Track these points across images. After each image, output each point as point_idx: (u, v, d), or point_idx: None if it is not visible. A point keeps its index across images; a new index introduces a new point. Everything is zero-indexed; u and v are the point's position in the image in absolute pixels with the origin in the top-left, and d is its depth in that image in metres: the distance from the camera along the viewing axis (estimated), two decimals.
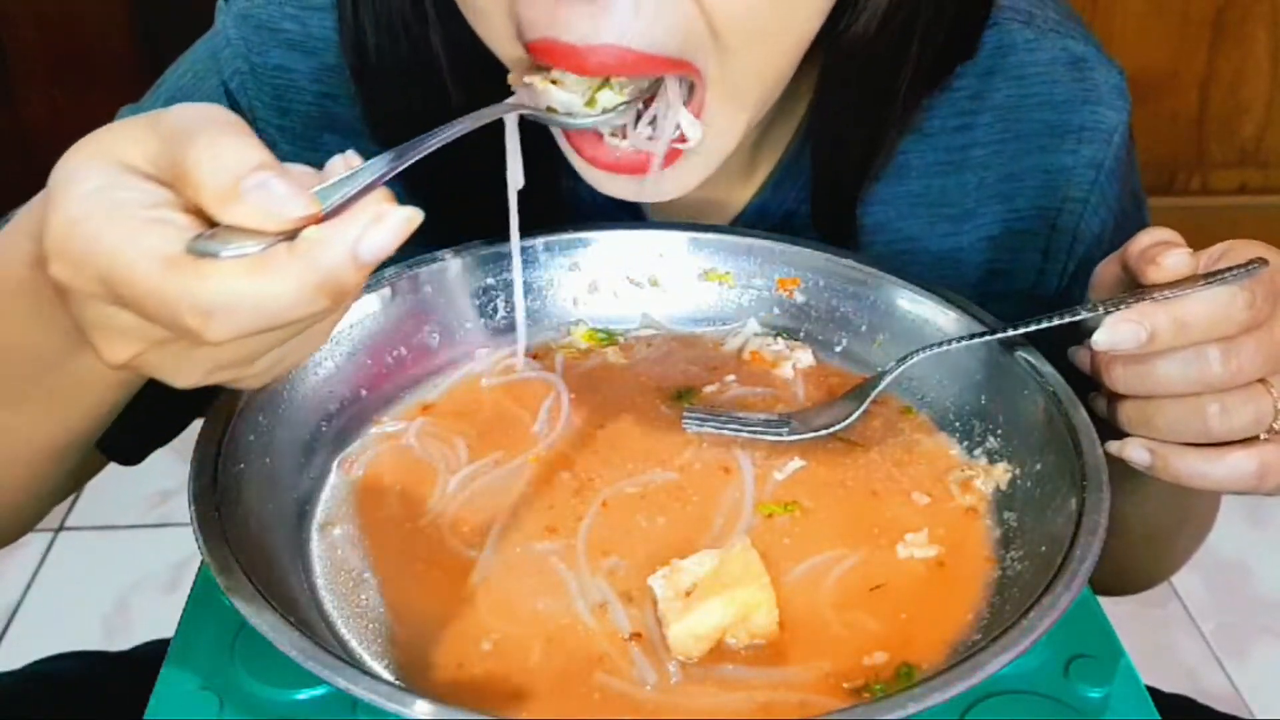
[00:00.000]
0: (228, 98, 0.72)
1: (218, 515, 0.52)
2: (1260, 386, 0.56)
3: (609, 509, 0.60)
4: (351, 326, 0.66)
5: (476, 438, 0.65)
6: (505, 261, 0.72)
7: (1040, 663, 0.53)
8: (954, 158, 0.75)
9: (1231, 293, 0.54)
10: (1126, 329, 0.54)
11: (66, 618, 1.74)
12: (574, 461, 0.63)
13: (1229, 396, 0.55)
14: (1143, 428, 0.57)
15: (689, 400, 0.68)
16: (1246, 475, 0.56)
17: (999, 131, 0.74)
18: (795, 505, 0.60)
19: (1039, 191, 0.75)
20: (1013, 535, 0.58)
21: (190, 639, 0.56)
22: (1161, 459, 0.57)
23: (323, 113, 0.72)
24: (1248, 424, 0.55)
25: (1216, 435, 0.56)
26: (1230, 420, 0.55)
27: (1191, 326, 0.54)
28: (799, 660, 0.52)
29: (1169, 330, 0.54)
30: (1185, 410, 0.56)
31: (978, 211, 0.75)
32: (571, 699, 0.51)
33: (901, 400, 0.68)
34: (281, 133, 0.73)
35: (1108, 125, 0.74)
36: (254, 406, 0.60)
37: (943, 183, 0.75)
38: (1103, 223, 0.76)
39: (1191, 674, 1.69)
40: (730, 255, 0.73)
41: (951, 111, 0.74)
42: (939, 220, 0.76)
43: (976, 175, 0.75)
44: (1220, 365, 0.54)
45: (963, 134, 0.74)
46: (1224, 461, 0.56)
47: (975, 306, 0.67)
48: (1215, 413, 0.55)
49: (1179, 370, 0.55)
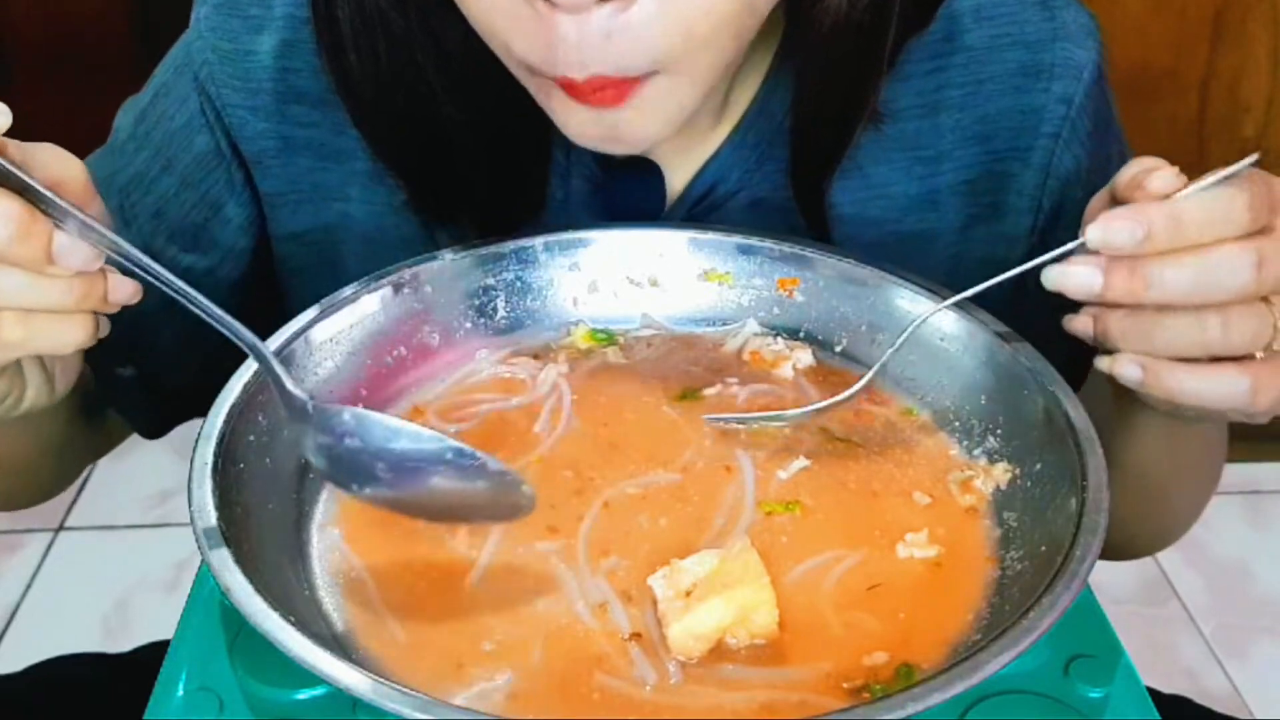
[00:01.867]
0: (199, 91, 0.74)
1: (218, 515, 0.52)
2: (1262, 304, 0.54)
3: (610, 509, 0.60)
4: (351, 326, 0.66)
5: (477, 438, 0.65)
6: (505, 261, 0.72)
7: (1040, 663, 0.53)
8: (928, 100, 0.74)
9: (1230, 194, 0.52)
10: (1121, 225, 0.52)
11: (66, 618, 1.74)
12: (575, 461, 0.63)
13: (1232, 310, 0.53)
14: (1140, 342, 0.55)
15: (691, 399, 0.68)
16: (1240, 393, 0.54)
17: (972, 73, 0.74)
18: (797, 504, 0.61)
19: (1014, 133, 0.74)
20: (1013, 535, 0.58)
21: (190, 639, 0.56)
22: (1153, 374, 0.55)
23: (288, 87, 0.73)
24: (1247, 340, 0.54)
25: (1214, 350, 0.54)
26: (1230, 335, 0.53)
27: (1188, 225, 0.52)
28: (799, 660, 0.52)
29: (1165, 227, 0.52)
30: (1186, 323, 0.53)
31: (954, 154, 0.75)
32: (571, 699, 0.51)
33: (901, 400, 0.68)
34: (253, 112, 0.74)
35: (1078, 62, 0.74)
36: (254, 406, 0.60)
37: (918, 125, 0.74)
38: (1076, 159, 0.75)
39: (1191, 674, 1.69)
40: (730, 255, 0.73)
41: (924, 55, 0.74)
42: (915, 163, 0.75)
43: (952, 117, 0.74)
44: (1251, 271, 0.52)
45: (936, 76, 0.74)
46: (1217, 377, 0.54)
47: (975, 307, 0.67)
48: (1216, 325, 0.53)
49: (1190, 277, 0.52)
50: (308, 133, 0.74)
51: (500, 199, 0.73)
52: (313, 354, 0.65)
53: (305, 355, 0.64)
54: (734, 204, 0.75)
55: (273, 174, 0.75)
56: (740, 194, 0.75)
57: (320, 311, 0.66)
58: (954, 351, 0.66)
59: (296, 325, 0.64)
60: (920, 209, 0.75)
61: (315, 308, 0.66)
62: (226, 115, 0.73)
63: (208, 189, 0.75)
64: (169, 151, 0.74)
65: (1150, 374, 0.55)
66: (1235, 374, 0.54)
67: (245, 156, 0.74)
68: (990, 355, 0.65)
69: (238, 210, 0.76)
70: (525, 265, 0.72)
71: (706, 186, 0.75)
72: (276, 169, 0.74)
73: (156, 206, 0.75)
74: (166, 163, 0.75)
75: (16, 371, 0.59)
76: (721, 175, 0.75)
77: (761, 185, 0.75)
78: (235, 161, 0.74)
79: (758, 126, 0.74)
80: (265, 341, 0.57)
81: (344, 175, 0.75)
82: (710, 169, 0.75)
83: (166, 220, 0.75)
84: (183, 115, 0.74)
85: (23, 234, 0.48)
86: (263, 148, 0.74)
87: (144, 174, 0.75)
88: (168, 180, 0.75)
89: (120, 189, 0.75)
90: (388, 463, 0.54)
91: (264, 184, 0.75)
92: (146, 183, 0.75)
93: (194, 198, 0.75)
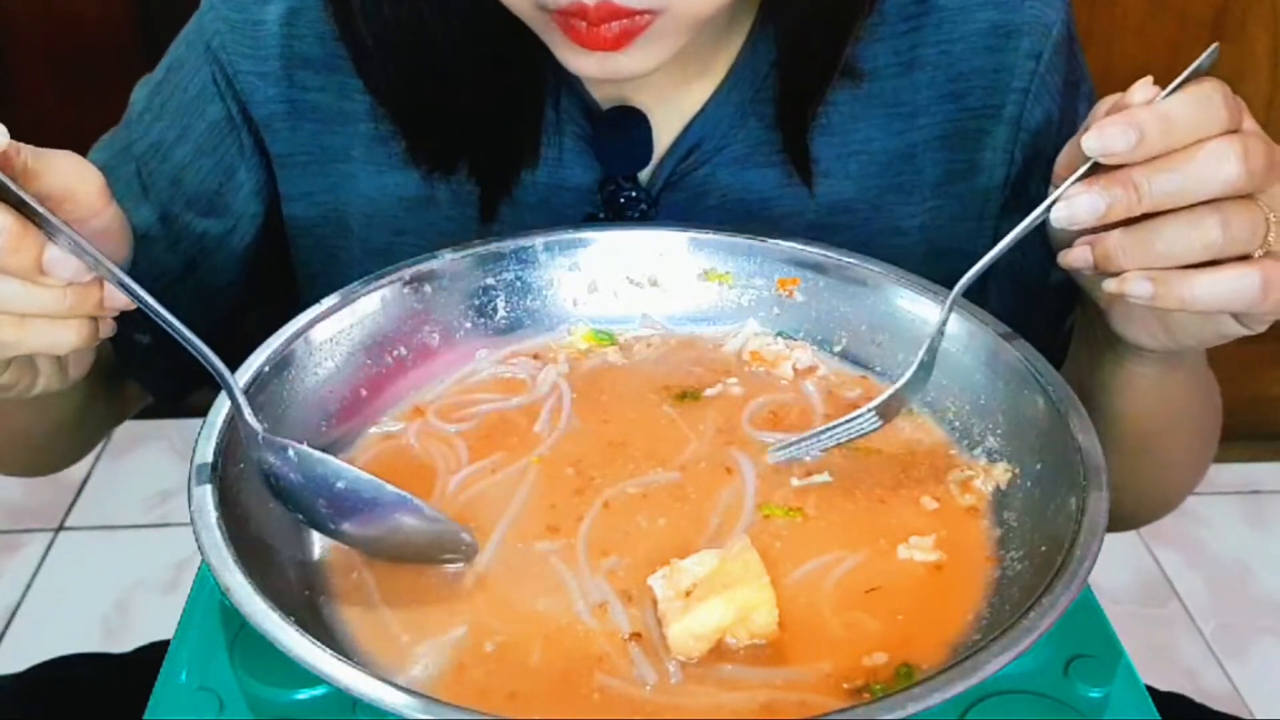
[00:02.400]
0: (211, 60, 0.77)
1: (218, 515, 0.52)
2: (1253, 202, 0.54)
3: (610, 509, 0.60)
4: (351, 326, 0.66)
5: (477, 438, 0.65)
6: (505, 261, 0.72)
7: (1040, 663, 0.53)
8: (903, 59, 0.76)
9: (1207, 92, 0.54)
10: (1115, 129, 0.53)
11: (66, 618, 1.74)
12: (576, 461, 0.63)
13: (1227, 207, 0.54)
14: (1142, 254, 0.55)
15: (692, 400, 0.68)
16: (1252, 289, 0.54)
17: (945, 32, 0.76)
18: (799, 511, 0.60)
19: (987, 90, 0.77)
20: (1013, 535, 0.58)
21: (190, 639, 0.56)
22: (1164, 284, 0.55)
23: (294, 54, 0.77)
24: (1245, 236, 0.54)
25: (1216, 250, 0.54)
26: (1230, 231, 0.53)
27: (1178, 123, 0.53)
28: (799, 660, 0.52)
29: (1156, 128, 0.53)
30: (1184, 226, 0.54)
31: (929, 109, 0.77)
32: (571, 699, 0.51)
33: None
34: (263, 78, 0.77)
35: (1046, 21, 0.76)
36: (254, 406, 0.59)
37: (895, 84, 0.77)
38: (1046, 113, 0.77)
39: (1191, 674, 1.69)
40: (730, 255, 0.73)
41: (898, 16, 0.76)
42: (893, 119, 0.77)
43: (926, 74, 0.77)
44: (1237, 162, 0.52)
45: (910, 36, 0.76)
46: (1227, 276, 0.54)
47: (974, 305, 0.67)
48: (1214, 224, 0.53)
49: (1181, 178, 0.53)
50: (314, 97, 0.77)
51: (496, 149, 0.76)
52: (313, 354, 0.65)
53: (305, 355, 0.64)
54: (719, 160, 0.77)
55: (281, 137, 0.78)
56: (725, 150, 0.77)
57: (320, 312, 0.66)
58: (954, 351, 0.66)
59: (286, 333, 0.65)
60: (898, 164, 0.77)
61: (315, 308, 0.66)
62: (237, 82, 0.77)
63: (221, 155, 0.78)
64: (184, 121, 0.78)
65: (1160, 285, 0.55)
66: (1243, 270, 0.54)
67: (255, 121, 0.77)
68: (990, 355, 0.65)
69: (249, 175, 0.79)
70: (525, 265, 0.72)
71: (692, 143, 0.77)
72: (285, 132, 0.78)
73: (174, 174, 0.78)
74: (182, 132, 0.78)
75: (26, 361, 0.60)
76: (707, 132, 0.77)
77: (745, 141, 0.77)
78: (246, 128, 0.78)
79: (740, 85, 0.76)
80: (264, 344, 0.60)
81: (348, 138, 0.78)
82: (695, 126, 0.77)
83: (184, 187, 0.78)
84: (196, 85, 0.78)
85: (14, 246, 0.50)
86: (272, 112, 0.77)
87: (160, 143, 0.78)
88: (183, 149, 0.78)
89: (138, 158, 0.78)
90: (328, 500, 0.56)
91: (274, 146, 0.78)
92: (163, 152, 0.78)
93: (209, 164, 0.78)
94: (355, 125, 0.77)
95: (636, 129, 0.76)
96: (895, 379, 0.68)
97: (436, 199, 0.78)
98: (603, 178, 0.77)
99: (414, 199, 0.78)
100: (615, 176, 0.77)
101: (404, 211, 0.77)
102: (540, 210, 0.77)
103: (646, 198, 0.77)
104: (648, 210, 0.77)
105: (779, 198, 0.77)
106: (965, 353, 0.66)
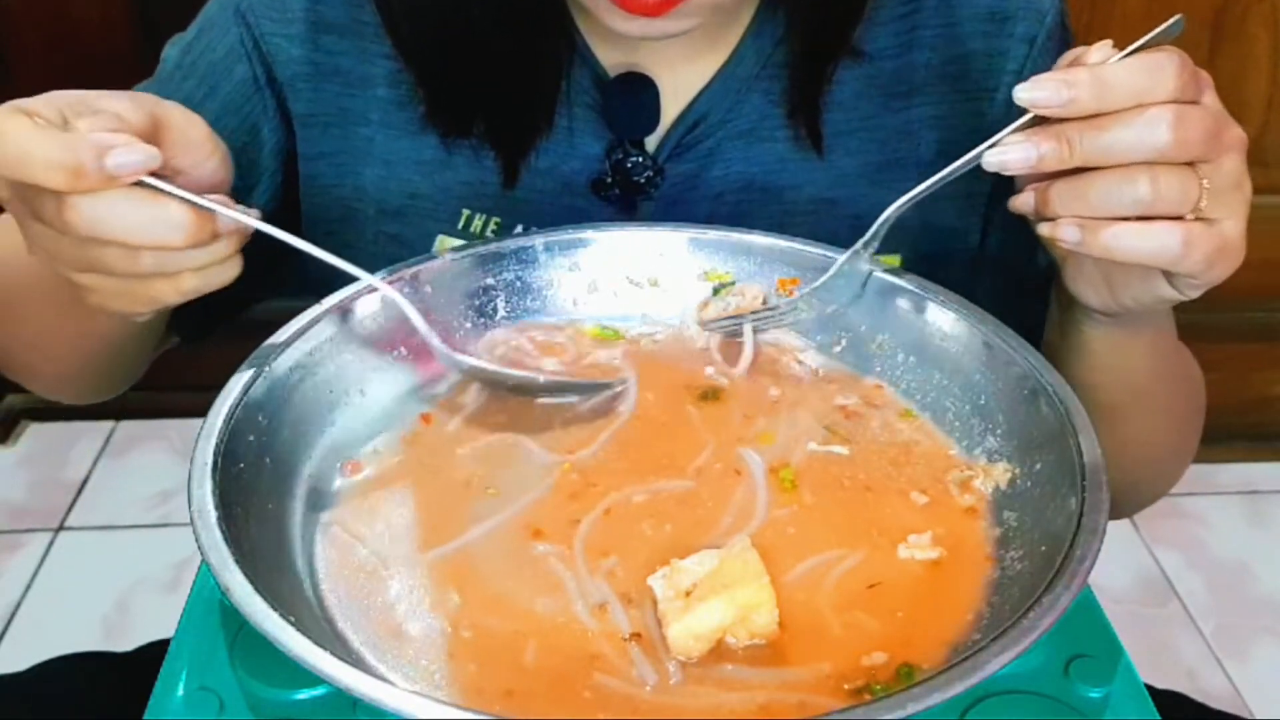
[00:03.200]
0: (240, 22, 0.80)
1: (218, 515, 0.53)
2: (1189, 169, 0.56)
3: (612, 511, 0.60)
4: (352, 326, 0.66)
5: (478, 438, 0.65)
6: (505, 261, 0.72)
7: (1040, 663, 0.53)
8: (902, 40, 0.80)
9: (1158, 61, 0.55)
10: (1050, 84, 0.55)
11: (66, 618, 1.74)
12: (580, 462, 0.63)
13: (1159, 169, 0.56)
14: (1076, 202, 0.57)
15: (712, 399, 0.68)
16: (1171, 247, 0.56)
17: (943, 16, 0.80)
18: (795, 494, 0.61)
19: (983, 74, 0.80)
20: (1013, 535, 0.58)
21: (190, 639, 0.56)
22: (1090, 232, 0.57)
23: (319, 17, 0.80)
24: (1174, 197, 0.56)
25: (1145, 207, 0.56)
26: (1159, 191, 0.55)
27: (1114, 87, 0.55)
28: (799, 660, 0.52)
29: (1091, 89, 0.55)
30: (1115, 180, 0.56)
31: (926, 89, 0.80)
32: (571, 699, 0.51)
33: (901, 402, 0.68)
34: (288, 40, 0.80)
35: (1041, 7, 0.79)
36: (254, 406, 0.60)
37: (894, 64, 0.80)
38: None
39: (1191, 674, 1.69)
40: (730, 255, 0.73)
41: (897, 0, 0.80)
42: (892, 98, 0.80)
43: (924, 55, 0.80)
44: (1167, 130, 0.54)
45: (909, 19, 0.80)
46: (1149, 230, 0.57)
47: (974, 305, 0.67)
48: (1145, 181, 0.55)
49: (1110, 137, 0.55)
50: (336, 60, 0.80)
51: (513, 111, 0.78)
52: (313, 353, 0.65)
53: (305, 355, 0.64)
54: (724, 133, 0.80)
55: (304, 97, 0.81)
56: (730, 123, 0.80)
57: (320, 311, 0.66)
58: (954, 351, 0.66)
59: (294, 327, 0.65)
60: (895, 140, 0.80)
61: (315, 308, 0.66)
62: (264, 43, 0.80)
63: (247, 114, 0.81)
64: (212, 79, 0.81)
65: (1088, 232, 0.58)
66: (1168, 226, 0.57)
67: (280, 82, 0.81)
68: (990, 355, 0.65)
69: (270, 135, 0.82)
70: (525, 265, 0.72)
71: (699, 115, 0.79)
72: (308, 93, 0.81)
73: None
74: (210, 90, 0.81)
75: None
76: (713, 104, 0.79)
77: (750, 116, 0.80)
78: (270, 89, 0.81)
79: (746, 60, 0.79)
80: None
81: (367, 101, 0.81)
82: (702, 99, 0.79)
83: None
84: (224, 46, 0.81)
85: (195, 230, 0.56)
86: (296, 73, 0.81)
87: (190, 99, 0.80)
88: (211, 106, 0.81)
89: None
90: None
91: (296, 106, 0.81)
92: (193, 108, 0.79)
93: (235, 122, 0.81)
94: (374, 90, 0.80)
95: (645, 93, 0.79)
96: (895, 379, 0.68)
97: (451, 163, 0.80)
98: (610, 144, 0.79)
99: (429, 162, 0.81)
100: (623, 142, 0.79)
101: (418, 175, 0.80)
102: (549, 176, 0.80)
103: (653, 165, 0.79)
104: (653, 178, 0.79)
105: (781, 171, 0.80)
106: (965, 353, 0.66)
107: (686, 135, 0.79)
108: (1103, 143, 0.55)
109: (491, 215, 0.80)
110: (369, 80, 0.80)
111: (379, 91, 0.80)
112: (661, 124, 0.80)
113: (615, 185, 0.79)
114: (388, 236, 0.82)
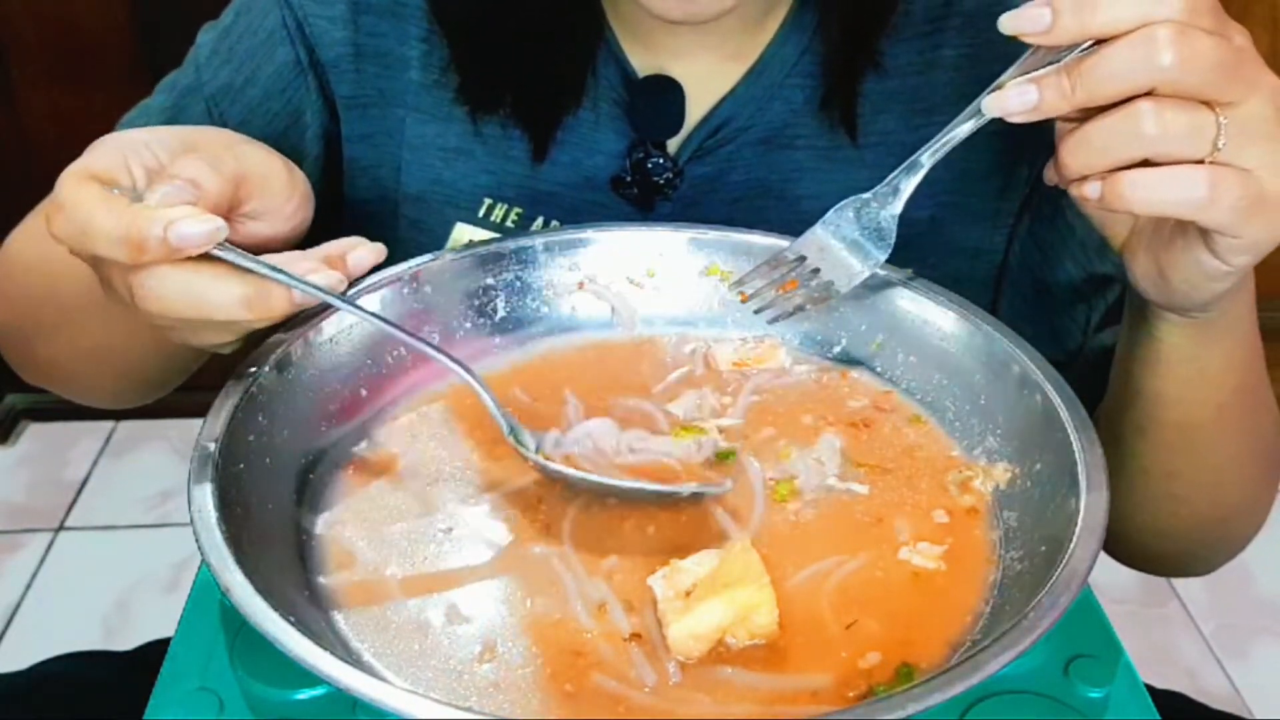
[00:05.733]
0: (283, 4, 0.81)
1: (218, 515, 0.53)
2: (1204, 105, 0.53)
3: (612, 511, 0.60)
4: (351, 327, 0.66)
5: (479, 438, 0.65)
6: (505, 261, 0.72)
7: (1040, 663, 0.53)
8: (926, 58, 0.80)
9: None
10: (1032, 9, 0.53)
11: (66, 618, 1.74)
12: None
13: (1164, 100, 0.52)
14: (1084, 151, 0.54)
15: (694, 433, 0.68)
16: (1197, 189, 0.53)
17: (969, 36, 0.79)
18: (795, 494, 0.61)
19: None
20: (1013, 535, 0.58)
21: (190, 639, 0.56)
22: (1110, 184, 0.54)
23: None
24: (1185, 134, 0.52)
25: (1157, 146, 0.53)
26: (1166, 126, 0.52)
27: (1100, 7, 0.51)
28: (799, 660, 0.52)
29: (1072, 10, 0.52)
30: (1120, 116, 0.53)
31: (946, 108, 0.77)
32: (571, 699, 0.51)
33: (901, 402, 0.68)
34: (331, 21, 0.81)
35: None
36: (254, 406, 0.60)
37: (916, 81, 0.80)
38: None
39: (1191, 674, 1.69)
40: (730, 255, 0.73)
41: (923, 18, 0.79)
42: (912, 115, 0.80)
43: (946, 74, 0.79)
44: (1168, 48, 0.51)
45: (933, 37, 0.79)
46: (1171, 174, 0.53)
47: (974, 306, 0.67)
48: (1149, 113, 0.52)
49: (1107, 63, 0.52)
50: (376, 42, 0.81)
51: (542, 87, 0.79)
52: (313, 353, 0.65)
53: (305, 355, 0.64)
54: (744, 139, 0.80)
55: (347, 79, 0.82)
56: (751, 130, 0.80)
57: (321, 311, 0.66)
58: (954, 352, 0.66)
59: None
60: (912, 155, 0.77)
61: (318, 306, 0.66)
62: (308, 25, 0.81)
63: (290, 98, 0.82)
64: (252, 64, 0.81)
65: (1108, 185, 0.55)
66: (1186, 169, 0.53)
67: (323, 64, 0.81)
68: (990, 355, 0.65)
69: (313, 118, 0.82)
70: (525, 265, 0.72)
71: (721, 120, 0.80)
72: (350, 74, 0.82)
73: (243, 115, 0.82)
74: (251, 74, 0.81)
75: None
76: (736, 111, 0.80)
77: (770, 124, 0.80)
78: (313, 71, 0.81)
79: (771, 69, 0.80)
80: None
81: (403, 84, 0.82)
82: (725, 104, 0.80)
83: (251, 128, 0.80)
84: (265, 29, 0.81)
85: (260, 305, 0.58)
86: (339, 54, 0.81)
87: (230, 85, 0.82)
88: (252, 91, 0.81)
89: (208, 99, 0.82)
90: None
91: (339, 89, 0.82)
92: (233, 94, 0.82)
93: (277, 106, 0.81)
94: (408, 72, 0.81)
95: (671, 96, 0.79)
96: (895, 379, 0.68)
97: (475, 151, 0.81)
98: (632, 143, 0.80)
99: (452, 150, 0.81)
100: (645, 142, 0.80)
101: (440, 161, 0.81)
102: (571, 169, 0.80)
103: (673, 166, 0.79)
104: (673, 179, 0.80)
105: (798, 179, 0.80)
106: (965, 353, 0.66)
107: (708, 139, 0.80)
108: (1101, 71, 0.52)
109: (513, 206, 0.81)
110: (406, 62, 0.81)
111: (411, 74, 0.81)
112: (684, 126, 0.80)
113: (634, 184, 0.80)
114: (409, 221, 0.82)
